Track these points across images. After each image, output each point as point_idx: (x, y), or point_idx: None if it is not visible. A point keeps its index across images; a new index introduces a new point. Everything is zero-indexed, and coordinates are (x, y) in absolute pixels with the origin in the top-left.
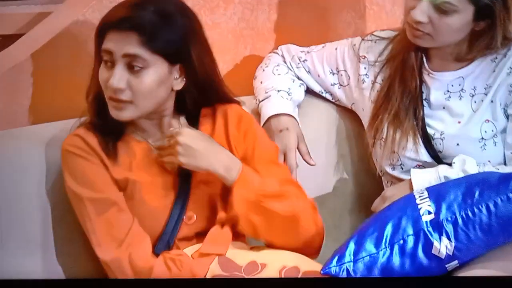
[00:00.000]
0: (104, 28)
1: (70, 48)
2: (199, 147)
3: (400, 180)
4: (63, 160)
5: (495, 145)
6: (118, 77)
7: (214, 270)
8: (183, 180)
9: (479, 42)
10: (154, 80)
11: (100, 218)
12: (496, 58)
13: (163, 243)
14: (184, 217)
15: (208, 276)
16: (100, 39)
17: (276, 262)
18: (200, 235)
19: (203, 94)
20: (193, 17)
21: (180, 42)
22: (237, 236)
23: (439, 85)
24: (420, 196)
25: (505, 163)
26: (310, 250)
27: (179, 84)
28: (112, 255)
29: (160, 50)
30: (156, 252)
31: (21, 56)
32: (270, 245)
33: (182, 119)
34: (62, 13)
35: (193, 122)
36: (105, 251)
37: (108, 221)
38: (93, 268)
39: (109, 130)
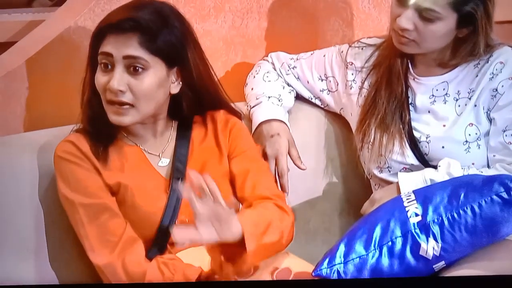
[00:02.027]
0: (103, 31)
1: (62, 56)
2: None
3: (388, 183)
4: (56, 166)
5: (479, 148)
6: (118, 79)
7: (207, 273)
8: (175, 184)
9: (462, 49)
10: (154, 82)
11: (93, 223)
12: (479, 63)
13: (156, 247)
14: (176, 221)
15: (201, 279)
16: (96, 44)
17: (268, 264)
18: None
19: (199, 98)
20: (187, 23)
21: (178, 45)
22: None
23: (424, 89)
24: (407, 199)
25: (488, 166)
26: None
27: (176, 88)
28: (106, 260)
29: (160, 52)
30: (149, 256)
31: (13, 64)
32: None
33: (175, 125)
34: (55, 21)
35: (186, 128)
36: (98, 256)
37: (101, 226)
38: (87, 272)
39: (101, 136)
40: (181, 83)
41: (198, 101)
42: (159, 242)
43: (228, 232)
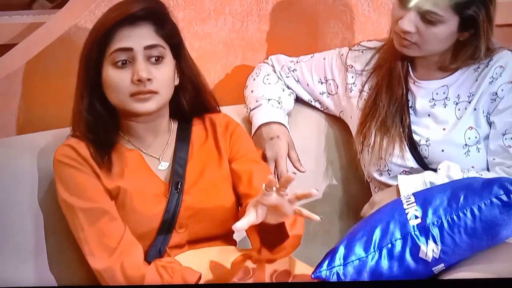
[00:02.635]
0: (112, 30)
1: (63, 58)
2: None
3: (388, 185)
4: (55, 170)
5: (478, 151)
6: (144, 69)
7: (206, 276)
8: (174, 188)
9: (463, 53)
10: (171, 69)
11: (92, 227)
12: (479, 67)
13: (154, 251)
14: (176, 225)
15: (200, 282)
16: (103, 44)
17: (267, 266)
18: (192, 243)
19: (197, 95)
20: None
21: (178, 35)
22: (228, 241)
23: (424, 93)
24: (407, 201)
25: (488, 169)
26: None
27: (176, 79)
28: (105, 264)
29: (169, 38)
30: (147, 260)
31: (14, 66)
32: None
33: (174, 127)
34: (55, 23)
35: (185, 130)
36: (97, 261)
37: (100, 230)
38: (85, 275)
39: (101, 142)
40: (178, 78)
41: (196, 97)
42: (158, 246)
43: (273, 220)
